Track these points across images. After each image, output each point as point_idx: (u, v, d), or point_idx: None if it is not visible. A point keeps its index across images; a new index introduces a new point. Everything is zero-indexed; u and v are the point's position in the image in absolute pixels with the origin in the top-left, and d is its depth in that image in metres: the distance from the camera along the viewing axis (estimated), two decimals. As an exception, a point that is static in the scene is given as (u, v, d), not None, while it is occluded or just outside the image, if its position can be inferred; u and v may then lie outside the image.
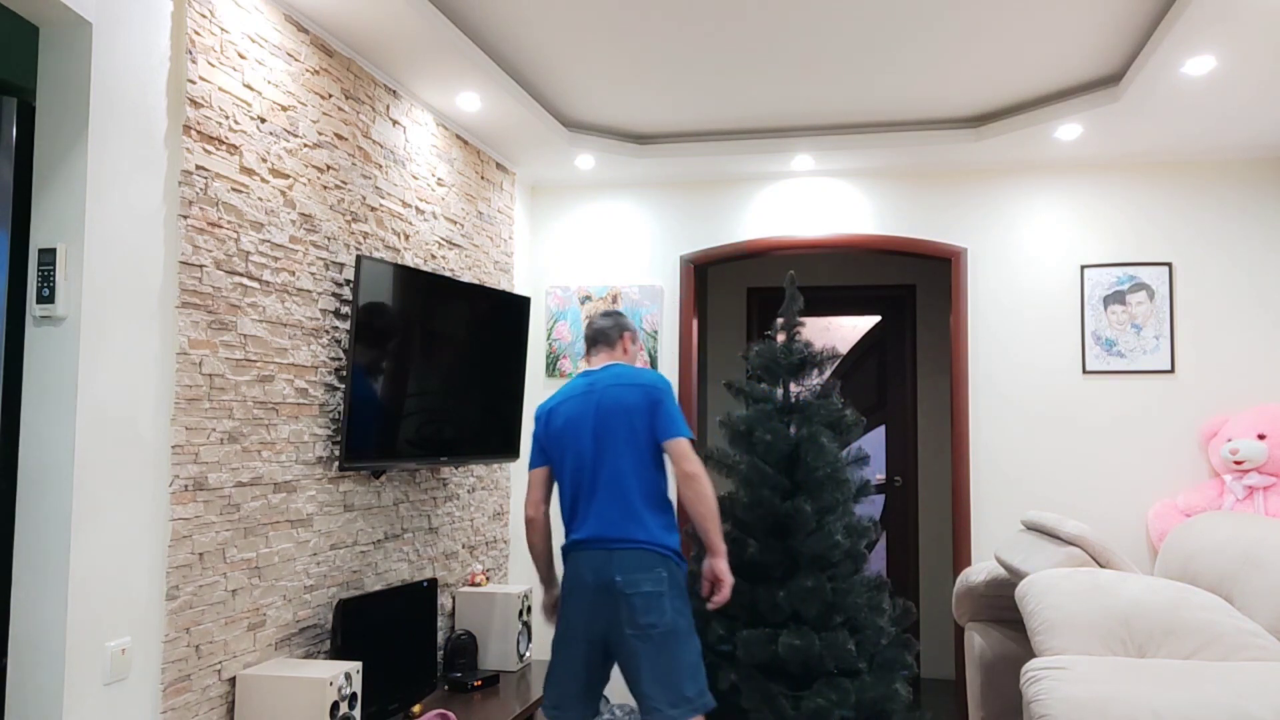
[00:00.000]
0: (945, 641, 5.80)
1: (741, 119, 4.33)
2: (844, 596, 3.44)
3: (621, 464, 3.08)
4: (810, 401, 3.70)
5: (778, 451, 3.59)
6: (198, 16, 2.58)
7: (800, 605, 3.39)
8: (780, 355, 3.76)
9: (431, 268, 3.90)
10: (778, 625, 3.45)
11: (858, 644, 3.45)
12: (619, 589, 2.97)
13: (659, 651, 2.95)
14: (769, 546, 3.50)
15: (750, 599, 3.50)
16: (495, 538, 4.55)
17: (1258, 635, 2.82)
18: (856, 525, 3.59)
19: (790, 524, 3.50)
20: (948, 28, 3.35)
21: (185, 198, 2.53)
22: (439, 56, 3.40)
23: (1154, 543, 4.36)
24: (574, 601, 3.05)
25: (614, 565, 3.00)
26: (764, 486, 3.56)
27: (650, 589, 2.97)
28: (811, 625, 3.42)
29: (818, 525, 3.50)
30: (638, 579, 2.97)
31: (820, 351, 3.78)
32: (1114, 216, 4.58)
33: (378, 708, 3.25)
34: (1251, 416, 4.23)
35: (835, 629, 3.42)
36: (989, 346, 4.66)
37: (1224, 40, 3.16)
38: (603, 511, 3.06)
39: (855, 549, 3.57)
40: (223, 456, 2.67)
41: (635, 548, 3.02)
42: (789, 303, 3.85)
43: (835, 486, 3.55)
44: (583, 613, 3.04)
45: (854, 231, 4.83)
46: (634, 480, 3.08)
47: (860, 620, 3.50)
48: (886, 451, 5.96)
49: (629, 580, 2.97)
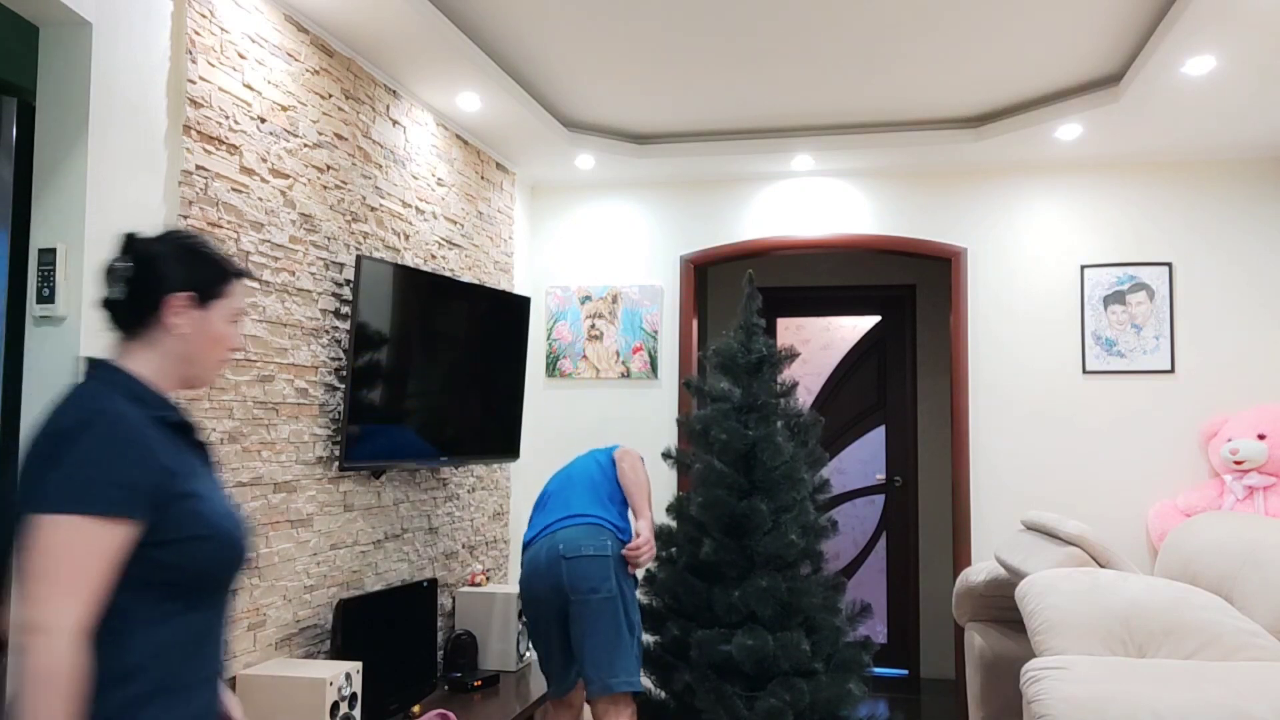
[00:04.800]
0: (945, 641, 5.80)
1: (741, 119, 4.33)
2: (800, 596, 3.42)
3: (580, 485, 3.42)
4: (768, 401, 3.67)
5: (734, 450, 3.57)
6: (198, 16, 2.58)
7: (756, 605, 3.37)
8: (739, 354, 3.74)
9: (431, 268, 3.90)
10: (733, 625, 3.44)
11: (814, 644, 3.43)
12: (561, 554, 3.14)
13: (599, 618, 3.10)
14: (724, 546, 3.48)
15: (705, 599, 3.48)
16: (495, 538, 4.55)
17: (1258, 635, 2.82)
18: (813, 525, 3.57)
19: (746, 523, 3.47)
20: (948, 28, 3.35)
21: (185, 198, 2.53)
22: (439, 56, 3.40)
23: (1154, 543, 4.36)
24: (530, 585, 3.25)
25: (558, 538, 3.18)
26: (719, 486, 3.53)
27: (593, 553, 3.12)
28: (766, 625, 3.40)
29: (774, 525, 3.47)
30: (580, 544, 3.14)
31: (780, 351, 3.76)
32: (1114, 216, 4.58)
33: (378, 708, 3.25)
34: (1251, 416, 4.23)
35: (791, 629, 3.41)
36: (989, 346, 4.66)
37: (1224, 40, 3.16)
38: (554, 510, 3.34)
39: (812, 548, 3.56)
40: (223, 456, 2.67)
41: (580, 522, 3.22)
42: (747, 302, 3.82)
43: (791, 485, 3.53)
44: (539, 594, 3.20)
45: (854, 231, 4.83)
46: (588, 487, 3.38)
47: (817, 620, 3.49)
48: (886, 451, 5.96)
49: (571, 545, 3.14)
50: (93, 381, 1.46)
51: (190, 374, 1.55)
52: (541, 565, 3.17)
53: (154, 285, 1.51)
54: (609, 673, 3.09)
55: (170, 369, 1.53)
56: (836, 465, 6.03)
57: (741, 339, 3.77)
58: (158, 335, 1.52)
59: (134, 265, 1.51)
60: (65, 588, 1.30)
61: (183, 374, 1.55)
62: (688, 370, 4.90)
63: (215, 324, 1.56)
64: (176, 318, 1.51)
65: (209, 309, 1.55)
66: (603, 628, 3.09)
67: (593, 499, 3.32)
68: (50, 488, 1.33)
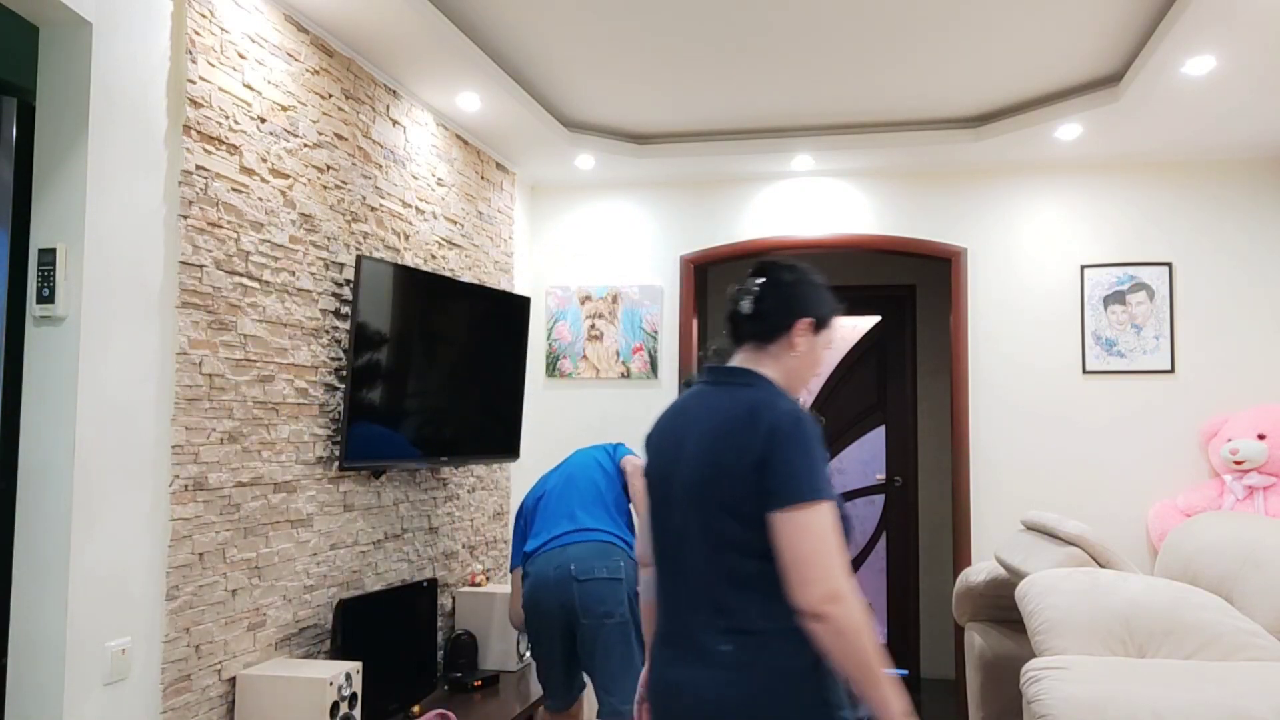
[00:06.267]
0: (945, 641, 5.80)
1: (741, 119, 4.33)
2: None
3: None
4: None
5: None
6: (198, 16, 2.58)
7: None
8: None
9: (431, 268, 3.90)
10: None
11: None
12: (573, 576, 3.06)
13: (612, 643, 3.04)
14: None
15: None
16: (495, 538, 4.55)
17: (1258, 635, 2.82)
18: None
19: None
20: (948, 27, 3.35)
21: (185, 198, 2.53)
22: (439, 56, 3.39)
23: (1154, 543, 4.36)
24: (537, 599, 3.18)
25: (569, 556, 3.11)
26: None
27: (606, 575, 3.05)
28: None
29: None
30: (593, 566, 3.07)
31: None
32: (1114, 216, 4.58)
33: (378, 708, 3.25)
34: (1251, 416, 4.23)
35: None
36: (989, 346, 4.66)
37: (1224, 40, 3.16)
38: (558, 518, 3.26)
39: None
40: (223, 456, 2.67)
41: (590, 539, 3.14)
42: None
43: None
44: (546, 610, 3.13)
45: (854, 231, 4.83)
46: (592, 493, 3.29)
47: None
48: (886, 452, 5.96)
49: (583, 567, 3.06)
50: (767, 387, 1.79)
51: (791, 386, 1.85)
52: (550, 582, 3.11)
53: (791, 309, 1.83)
54: (620, 699, 3.07)
55: (781, 380, 1.84)
56: (836, 465, 6.03)
57: None
58: (782, 351, 1.84)
59: (774, 289, 1.84)
60: (837, 559, 1.64)
61: (787, 385, 1.85)
62: (688, 370, 4.90)
63: (818, 349, 1.88)
64: (799, 339, 1.84)
65: (818, 336, 1.87)
66: (615, 653, 3.05)
67: (599, 509, 3.24)
68: (808, 480, 1.65)
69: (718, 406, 1.77)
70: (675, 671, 1.76)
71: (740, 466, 1.69)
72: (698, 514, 1.75)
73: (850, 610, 1.62)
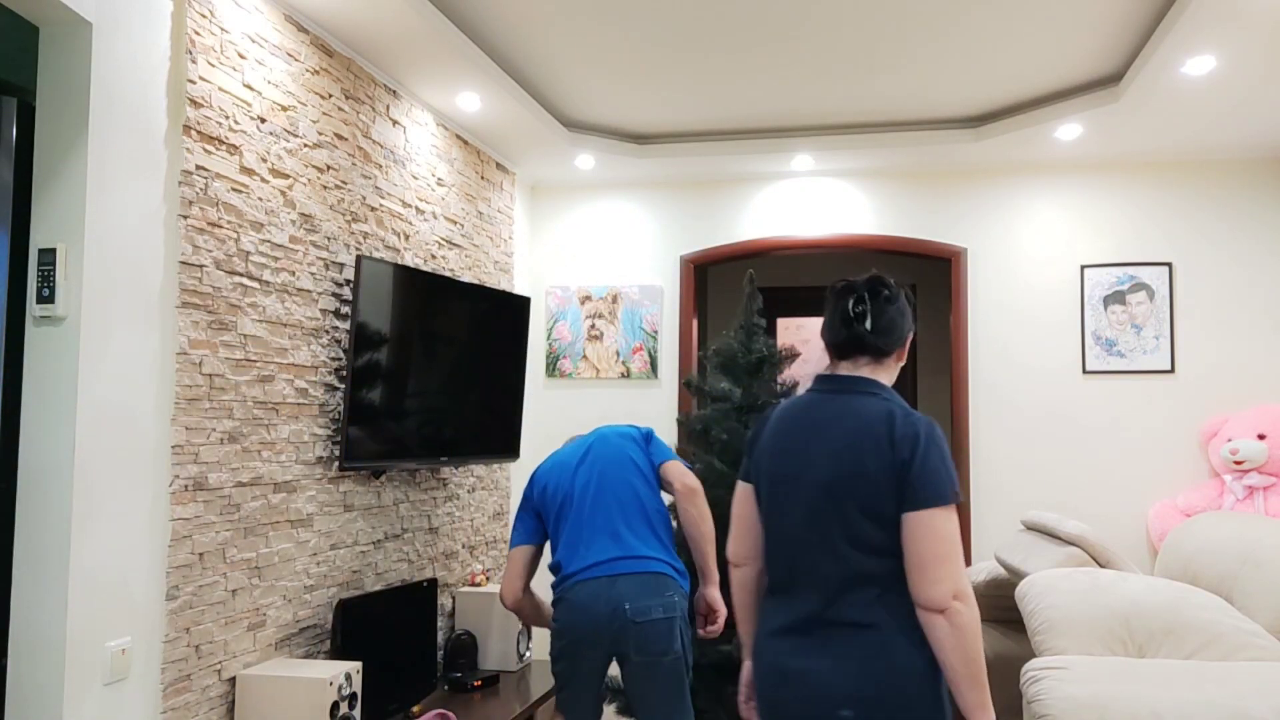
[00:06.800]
0: (945, 641, 5.80)
1: (741, 119, 4.33)
2: None
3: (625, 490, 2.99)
4: (768, 401, 3.66)
5: (734, 450, 3.55)
6: (198, 16, 2.58)
7: None
8: (739, 354, 3.73)
9: (431, 268, 3.90)
10: (732, 625, 3.43)
11: None
12: (630, 618, 2.78)
13: (667, 681, 2.81)
14: (725, 546, 3.47)
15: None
16: (495, 538, 4.55)
17: (1258, 635, 2.82)
18: None
19: None
20: (948, 28, 3.35)
21: (185, 198, 2.53)
22: (439, 56, 3.40)
23: (1154, 543, 4.36)
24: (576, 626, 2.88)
25: (620, 592, 2.80)
26: (719, 486, 3.52)
27: (662, 615, 2.79)
28: None
29: None
30: (649, 607, 2.79)
31: (780, 351, 3.75)
32: (1114, 216, 4.58)
33: (378, 708, 3.25)
34: (1251, 416, 4.23)
35: None
36: (989, 346, 4.66)
37: (1224, 40, 3.16)
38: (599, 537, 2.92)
39: None
40: (223, 456, 2.67)
41: (642, 570, 2.85)
42: (747, 302, 3.81)
43: None
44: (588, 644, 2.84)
45: (854, 231, 4.83)
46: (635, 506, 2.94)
47: None
48: (886, 451, 5.95)
49: (639, 608, 2.78)
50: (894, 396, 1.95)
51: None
52: (600, 618, 2.79)
53: (905, 326, 2.02)
54: None
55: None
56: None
57: (742, 339, 3.76)
58: (893, 364, 2.02)
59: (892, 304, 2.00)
60: (961, 561, 1.80)
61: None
62: (688, 370, 4.90)
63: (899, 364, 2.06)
64: (903, 354, 2.03)
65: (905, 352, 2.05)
66: (669, 691, 2.82)
67: (644, 527, 2.92)
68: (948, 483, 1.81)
69: (849, 413, 1.91)
70: (798, 661, 1.89)
71: (882, 470, 1.83)
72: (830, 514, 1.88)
73: (973, 609, 1.77)
